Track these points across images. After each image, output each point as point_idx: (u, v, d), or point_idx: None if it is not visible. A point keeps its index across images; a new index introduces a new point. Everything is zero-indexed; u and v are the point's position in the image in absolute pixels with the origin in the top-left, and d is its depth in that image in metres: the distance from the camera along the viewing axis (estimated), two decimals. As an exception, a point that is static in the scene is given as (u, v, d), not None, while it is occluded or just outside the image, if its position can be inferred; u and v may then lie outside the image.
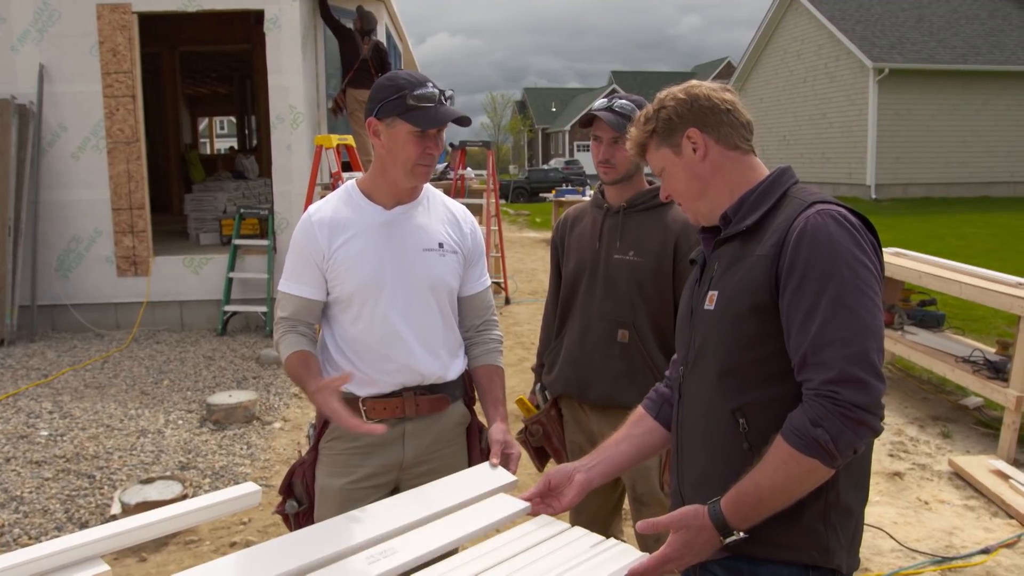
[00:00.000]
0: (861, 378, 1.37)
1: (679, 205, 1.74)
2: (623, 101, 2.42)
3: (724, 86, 1.69)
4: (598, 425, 2.51)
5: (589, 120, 2.45)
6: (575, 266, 2.58)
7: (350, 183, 2.19)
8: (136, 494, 4.01)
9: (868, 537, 3.69)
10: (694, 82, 1.69)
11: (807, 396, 1.41)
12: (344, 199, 2.14)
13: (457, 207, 2.26)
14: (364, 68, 8.77)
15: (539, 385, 2.73)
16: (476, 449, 2.22)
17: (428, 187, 2.21)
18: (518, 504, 1.75)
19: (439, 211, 2.19)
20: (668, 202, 2.48)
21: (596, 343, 2.49)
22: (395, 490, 2.13)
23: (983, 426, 5.17)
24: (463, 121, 2.09)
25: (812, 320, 1.41)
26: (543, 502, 1.75)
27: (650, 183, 2.58)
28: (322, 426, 2.16)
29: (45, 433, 5.13)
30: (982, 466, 4.36)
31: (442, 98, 2.01)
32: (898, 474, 4.44)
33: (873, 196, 20.97)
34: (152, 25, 9.39)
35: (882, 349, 1.42)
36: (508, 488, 1.91)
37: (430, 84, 2.01)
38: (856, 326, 1.39)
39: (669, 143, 1.65)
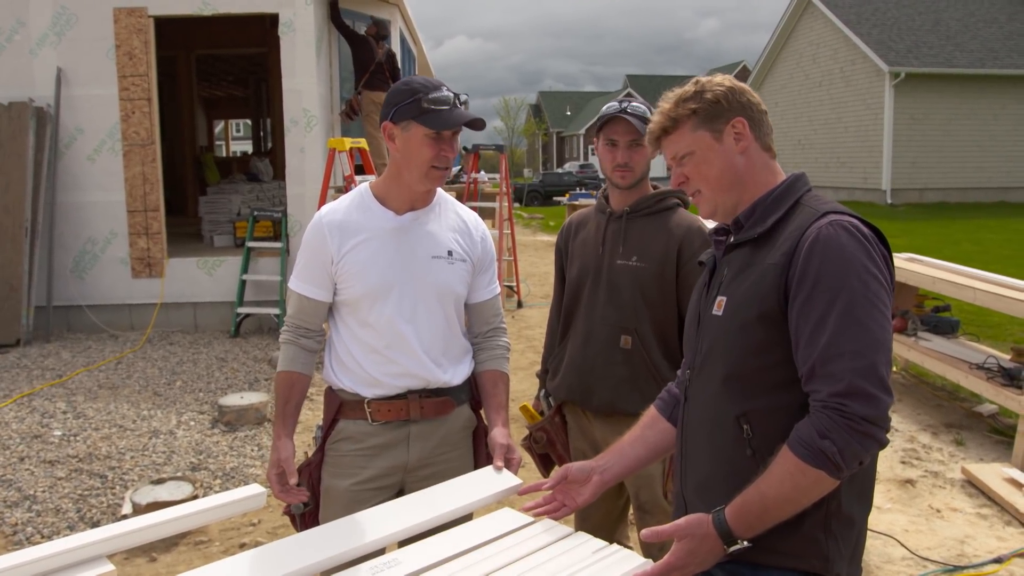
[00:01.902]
0: (869, 391, 1.37)
1: (697, 194, 1.66)
2: (636, 103, 2.43)
3: None
4: (601, 432, 2.50)
5: (605, 122, 2.45)
6: (578, 271, 2.57)
7: (363, 186, 2.20)
8: (147, 494, 4.05)
9: (879, 545, 3.67)
10: (731, 77, 1.69)
11: (814, 407, 1.41)
12: (357, 202, 2.15)
13: (469, 214, 2.26)
14: (380, 71, 8.81)
15: (543, 391, 2.72)
16: (482, 453, 2.22)
17: (441, 193, 2.21)
18: (523, 519, 1.76)
19: (450, 218, 2.20)
20: (671, 207, 2.48)
21: (599, 349, 2.48)
22: (400, 492, 2.15)
23: (997, 434, 5.12)
24: (477, 124, 2.05)
25: (821, 332, 1.41)
26: (559, 496, 1.76)
27: (655, 187, 2.57)
28: (328, 427, 2.18)
29: (59, 433, 5.18)
30: (995, 474, 4.31)
31: (457, 101, 2.02)
32: (910, 481, 4.40)
33: (888, 201, 20.83)
34: (168, 28, 9.46)
35: (890, 362, 1.42)
36: (513, 491, 1.91)
37: (444, 88, 2.02)
38: (866, 339, 1.39)
39: (710, 127, 1.61)
